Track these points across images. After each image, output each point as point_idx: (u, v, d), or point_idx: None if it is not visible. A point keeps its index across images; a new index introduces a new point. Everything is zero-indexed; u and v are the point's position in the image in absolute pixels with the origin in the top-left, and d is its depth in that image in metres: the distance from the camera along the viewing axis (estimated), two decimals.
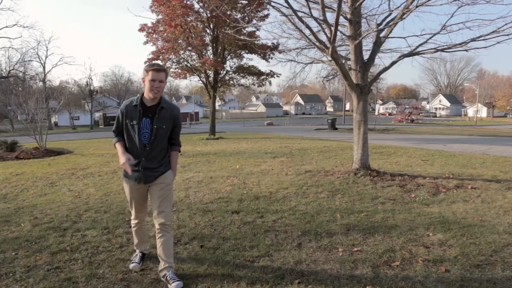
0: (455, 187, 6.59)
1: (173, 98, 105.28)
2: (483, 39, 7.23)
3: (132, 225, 3.45)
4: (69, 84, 55.82)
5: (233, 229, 4.39)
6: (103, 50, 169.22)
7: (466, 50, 7.90)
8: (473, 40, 7.32)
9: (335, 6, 7.29)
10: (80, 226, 4.60)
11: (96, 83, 73.85)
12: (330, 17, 8.19)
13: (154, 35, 21.24)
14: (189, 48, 21.14)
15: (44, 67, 48.57)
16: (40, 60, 52.37)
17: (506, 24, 6.73)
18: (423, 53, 7.99)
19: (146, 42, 21.62)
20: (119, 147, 3.11)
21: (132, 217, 3.40)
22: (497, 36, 7.12)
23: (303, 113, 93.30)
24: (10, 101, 25.13)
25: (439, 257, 3.46)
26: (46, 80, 48.12)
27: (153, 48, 21.81)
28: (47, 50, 52.53)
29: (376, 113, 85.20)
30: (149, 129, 3.03)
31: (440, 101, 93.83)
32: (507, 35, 7.02)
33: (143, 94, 3.06)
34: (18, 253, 3.75)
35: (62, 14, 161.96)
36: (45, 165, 10.44)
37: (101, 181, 7.62)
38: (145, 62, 22.08)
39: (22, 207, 5.61)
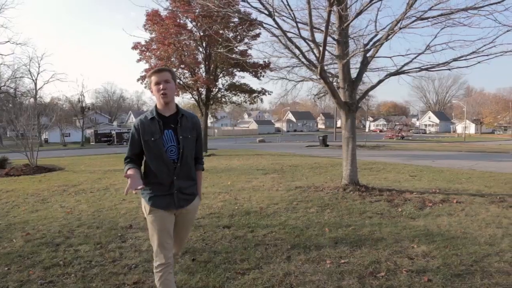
0: (440, 201, 6.77)
1: None
2: (464, 59, 7.56)
3: (157, 271, 2.58)
4: (60, 101, 55.77)
5: (224, 243, 4.49)
6: (96, 67, 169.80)
7: (449, 69, 8.24)
8: (455, 60, 7.64)
9: (323, 27, 7.58)
10: (73, 241, 4.65)
11: (88, 100, 73.95)
12: (319, 37, 8.49)
13: (147, 53, 21.54)
14: (182, 66, 21.43)
15: (35, 84, 48.50)
16: (31, 77, 52.24)
17: (484, 45, 7.05)
18: (409, 72, 8.28)
19: (139, 60, 21.90)
20: (131, 172, 2.50)
21: (159, 260, 2.58)
22: (478, 56, 7.44)
23: (295, 130, 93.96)
24: (0, 117, 25.04)
25: (422, 268, 3.60)
26: (37, 96, 48.04)
27: (146, 66, 22.08)
28: (39, 66, 52.17)
29: (367, 130, 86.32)
30: (174, 142, 2.60)
31: (429, 118, 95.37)
32: (487, 55, 7.35)
33: (156, 106, 2.68)
34: (10, 268, 3.80)
35: (55, 31, 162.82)
36: (36, 181, 10.43)
37: (93, 198, 7.67)
38: (138, 80, 22.32)
39: (13, 223, 5.63)
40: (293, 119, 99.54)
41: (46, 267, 3.80)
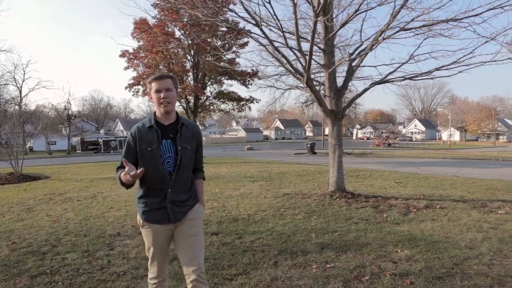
0: (424, 207, 6.93)
1: None
2: (446, 69, 7.80)
3: (151, 283, 2.57)
4: (46, 108, 55.09)
5: (212, 250, 4.53)
6: (83, 74, 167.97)
7: (431, 78, 8.49)
8: (437, 69, 7.88)
9: (310, 36, 7.74)
10: (60, 249, 4.64)
11: (75, 108, 72.97)
12: (306, 46, 8.66)
13: (135, 61, 21.54)
14: None
15: (20, 91, 47.92)
16: (16, 84, 51.58)
17: (464, 56, 7.30)
18: (393, 81, 8.49)
19: (127, 68, 21.86)
20: (123, 173, 2.34)
21: (152, 274, 2.56)
22: (458, 66, 7.69)
23: (283, 138, 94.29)
24: None
25: (405, 271, 3.70)
26: (22, 104, 47.35)
27: (134, 74, 22.05)
28: (24, 73, 51.60)
29: (354, 138, 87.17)
30: (172, 153, 2.44)
31: (415, 126, 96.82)
32: (467, 65, 7.60)
33: (155, 113, 2.50)
34: None
35: (42, 38, 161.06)
36: (21, 190, 10.30)
37: (80, 206, 7.62)
38: (126, 87, 22.26)
39: None
40: (281, 127, 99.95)
41: (33, 275, 3.79)
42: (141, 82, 21.79)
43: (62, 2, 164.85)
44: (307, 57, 7.28)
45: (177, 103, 23.45)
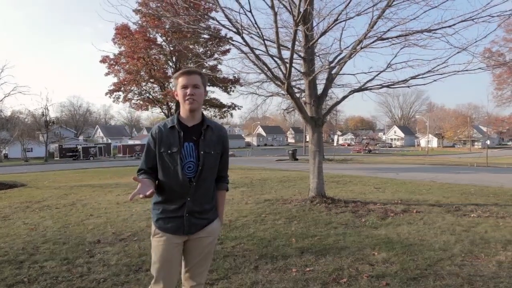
0: (402, 211, 7.13)
1: (134, 129, 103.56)
2: (421, 77, 8.08)
3: None
4: (22, 114, 53.68)
5: None
6: (61, 80, 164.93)
7: (408, 86, 8.76)
8: (412, 78, 8.15)
9: (289, 45, 7.90)
10: (38, 258, 4.56)
11: (53, 114, 71.32)
12: (287, 54, 8.83)
13: (116, 67, 21.36)
14: (151, 80, 21.38)
15: None
16: None
17: (438, 65, 7.59)
18: (371, 89, 8.72)
19: (107, 74, 21.66)
20: (142, 177, 2.21)
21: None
22: (433, 75, 7.99)
23: (265, 144, 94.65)
24: None
25: (381, 273, 3.82)
26: None
27: (115, 80, 21.85)
28: None
29: (335, 144, 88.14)
30: (194, 157, 2.22)
31: (395, 132, 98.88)
32: (441, 74, 7.91)
33: (178, 113, 2.31)
34: None
35: (19, 43, 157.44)
36: None
37: (59, 214, 7.49)
38: (106, 94, 22.01)
39: None
40: (263, 133, 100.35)
41: (9, 284, 3.73)
42: (122, 88, 21.61)
43: (39, 6, 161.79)
44: (288, 65, 7.42)
45: (159, 110, 23.39)
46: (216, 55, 22.30)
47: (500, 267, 3.96)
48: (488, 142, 39.99)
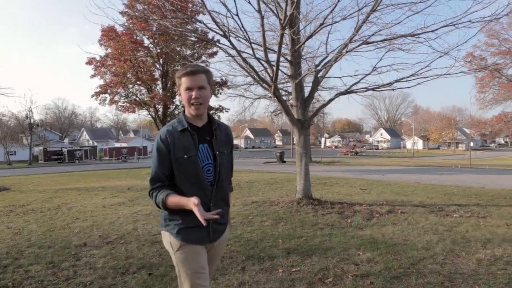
0: (387, 212, 7.26)
1: (120, 132, 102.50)
2: (405, 81, 8.25)
3: None
4: (5, 117, 52.67)
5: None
6: (46, 82, 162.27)
7: (392, 89, 8.93)
8: (397, 81, 8.31)
9: (276, 48, 7.98)
10: (23, 262, 4.52)
11: (37, 116, 70.08)
12: (274, 57, 8.91)
13: (102, 69, 21.15)
14: (138, 82, 21.24)
15: None
16: None
17: (421, 69, 7.77)
18: (357, 91, 8.86)
19: (93, 76, 21.43)
20: (175, 200, 1.98)
21: None
22: (417, 78, 8.16)
23: (253, 147, 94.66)
24: None
25: (366, 272, 3.90)
26: None
27: (101, 82, 21.63)
28: None
29: (323, 146, 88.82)
30: (211, 159, 2.10)
31: (381, 135, 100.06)
32: (424, 77, 8.09)
33: (184, 113, 2.15)
34: None
35: (0, 44, 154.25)
36: None
37: (44, 217, 7.40)
38: (92, 96, 21.77)
39: None
40: (251, 136, 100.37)
41: None
42: (108, 90, 21.41)
43: (22, 7, 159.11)
44: (274, 68, 7.50)
45: (146, 112, 23.20)
46: (203, 58, 22.26)
47: (480, 264, 4.09)
48: (471, 144, 40.84)
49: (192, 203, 1.84)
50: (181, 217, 2.03)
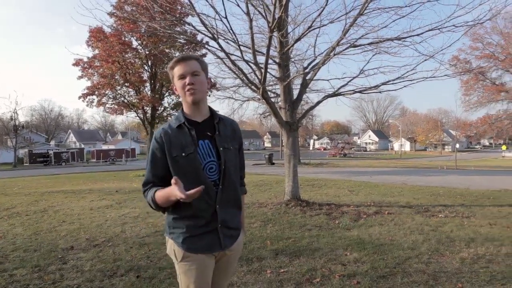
0: (374, 213, 7.35)
1: (108, 134, 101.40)
2: (392, 83, 8.37)
3: None
4: None
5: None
6: (31, 83, 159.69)
7: (379, 92, 9.04)
8: (383, 84, 8.42)
9: (265, 50, 8.03)
10: (7, 266, 4.45)
11: (22, 118, 68.83)
12: (262, 60, 8.95)
13: (89, 70, 20.95)
14: (126, 84, 21.09)
15: None
16: None
17: (407, 71, 7.90)
18: (345, 94, 8.95)
19: (80, 77, 21.21)
20: (161, 193, 1.82)
21: None
22: (403, 81, 8.29)
23: None
24: None
25: (353, 272, 3.96)
26: None
27: (89, 83, 21.43)
28: None
29: (311, 148, 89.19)
30: (214, 156, 1.92)
31: (369, 136, 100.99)
32: (410, 80, 8.21)
33: (182, 109, 2.01)
34: None
35: None
36: None
37: (29, 221, 7.29)
38: (79, 97, 21.54)
39: None
40: None
41: None
42: (96, 92, 21.20)
43: (7, 7, 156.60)
44: (263, 70, 7.54)
45: (134, 114, 23.03)
46: None
47: (463, 263, 4.18)
48: (457, 145, 41.48)
49: (172, 185, 1.67)
50: (185, 224, 1.88)
